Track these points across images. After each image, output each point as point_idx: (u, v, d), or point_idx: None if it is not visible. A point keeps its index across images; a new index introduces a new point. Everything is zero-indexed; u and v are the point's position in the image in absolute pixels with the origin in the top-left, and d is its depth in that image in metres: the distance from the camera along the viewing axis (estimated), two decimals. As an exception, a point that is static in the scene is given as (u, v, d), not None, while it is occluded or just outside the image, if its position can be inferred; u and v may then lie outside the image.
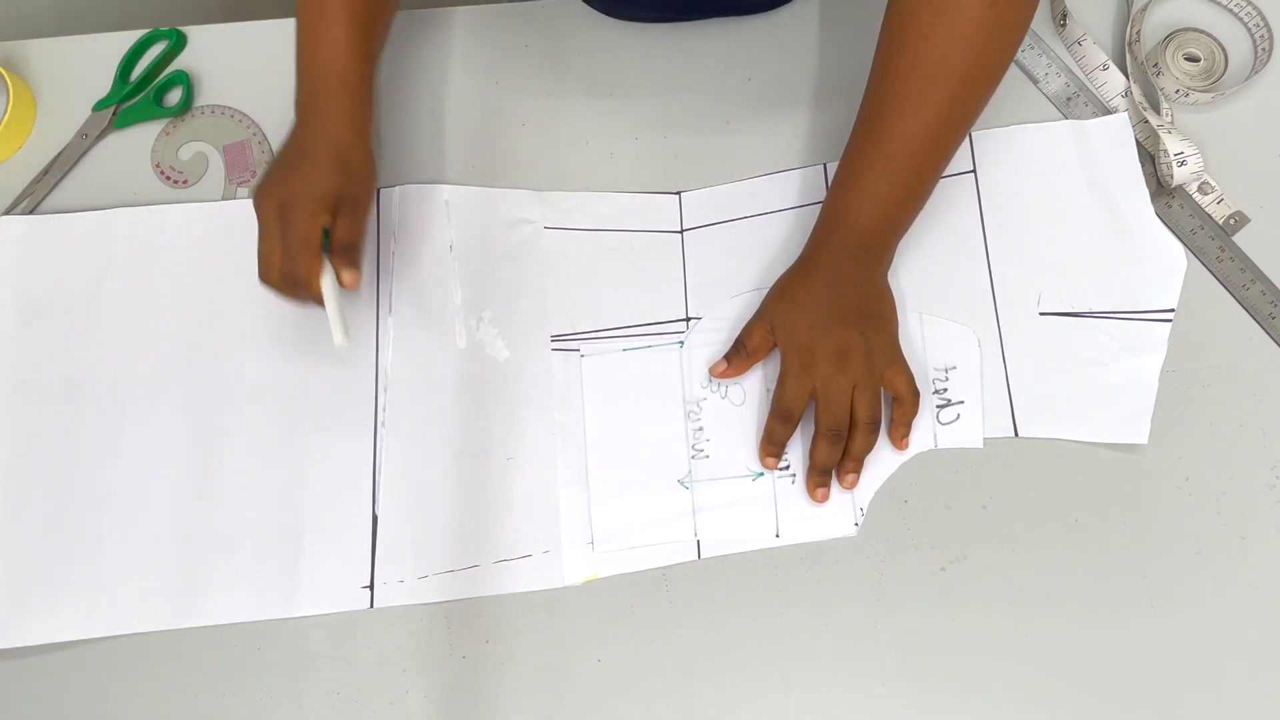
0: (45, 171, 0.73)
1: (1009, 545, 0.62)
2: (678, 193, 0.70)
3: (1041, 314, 0.66)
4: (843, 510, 0.63)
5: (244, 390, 0.67)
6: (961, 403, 0.64)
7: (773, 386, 0.64)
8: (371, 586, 0.63)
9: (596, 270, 0.69)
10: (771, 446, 0.63)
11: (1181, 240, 0.66)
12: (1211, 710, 0.59)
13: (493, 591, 0.63)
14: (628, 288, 0.68)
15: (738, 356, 0.64)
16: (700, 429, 0.65)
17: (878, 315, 0.63)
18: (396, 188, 0.71)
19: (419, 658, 0.62)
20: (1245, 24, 0.71)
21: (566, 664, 0.62)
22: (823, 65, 0.72)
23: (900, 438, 0.63)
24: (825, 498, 0.62)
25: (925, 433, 0.64)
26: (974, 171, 0.69)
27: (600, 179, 0.71)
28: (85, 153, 0.74)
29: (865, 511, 0.63)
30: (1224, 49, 0.70)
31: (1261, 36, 0.70)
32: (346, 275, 0.61)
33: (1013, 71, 0.70)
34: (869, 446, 0.62)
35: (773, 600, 0.62)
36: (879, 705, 0.60)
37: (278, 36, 0.76)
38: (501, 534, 0.64)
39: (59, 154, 0.73)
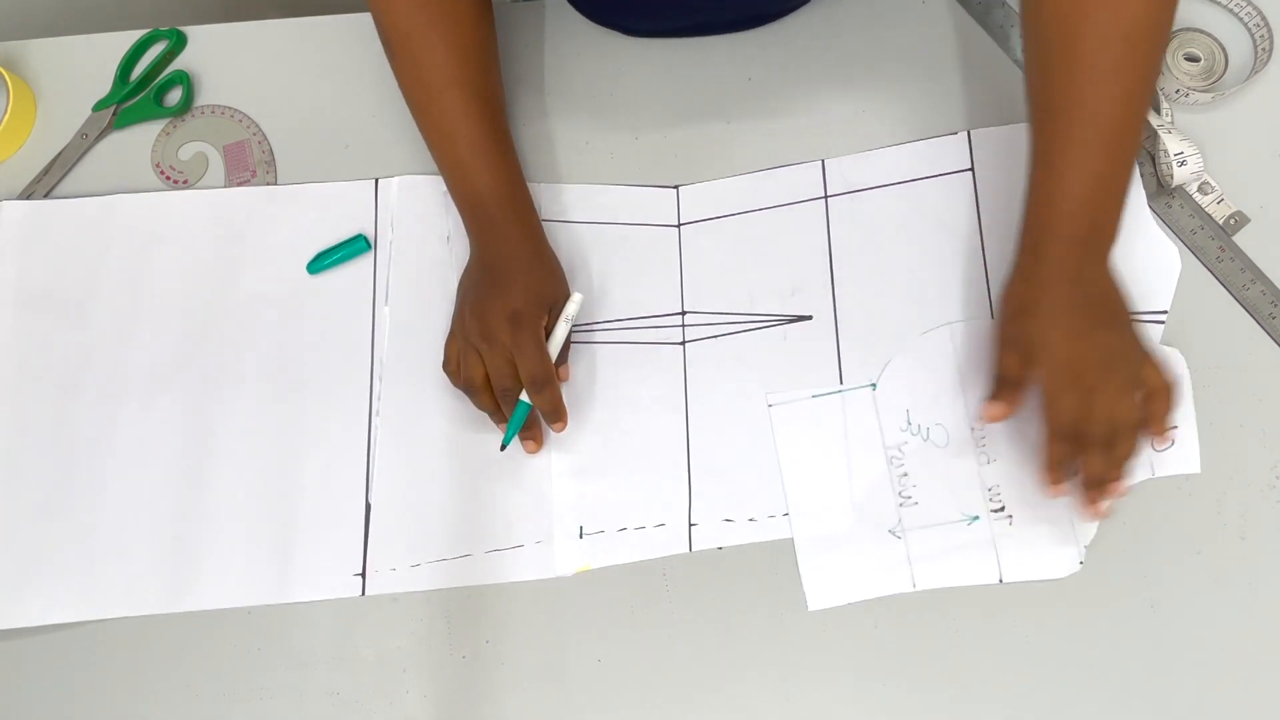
0: (45, 171, 0.73)
1: (1009, 545, 0.62)
2: (675, 187, 0.70)
3: (1041, 314, 0.65)
4: (1066, 548, 0.61)
5: (239, 377, 0.68)
6: (1175, 428, 0.62)
7: (975, 424, 0.63)
8: (364, 574, 0.63)
9: (593, 262, 0.69)
10: (1058, 473, 0.58)
11: (1182, 240, 0.66)
12: (1211, 710, 0.59)
13: (485, 581, 0.63)
14: (624, 280, 0.68)
15: (1007, 391, 0.59)
16: (905, 474, 0.63)
17: (1122, 309, 0.58)
18: (395, 178, 0.71)
19: (419, 658, 0.62)
20: (1245, 24, 0.71)
21: (566, 664, 0.61)
22: (823, 64, 0.72)
23: (1160, 434, 0.59)
24: (1107, 512, 0.59)
25: (1141, 462, 0.61)
26: (972, 170, 0.69)
27: (600, 178, 0.71)
28: (85, 153, 0.74)
29: (1087, 549, 0.61)
30: (1224, 49, 0.70)
31: (1261, 36, 0.70)
32: (564, 370, 0.65)
33: (1013, 70, 0.71)
34: (1135, 451, 0.58)
35: (773, 599, 0.62)
36: (879, 705, 0.60)
37: (278, 36, 0.76)
38: (494, 523, 0.64)
39: (59, 154, 0.73)
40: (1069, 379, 0.57)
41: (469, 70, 0.64)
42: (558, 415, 0.62)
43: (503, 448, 0.63)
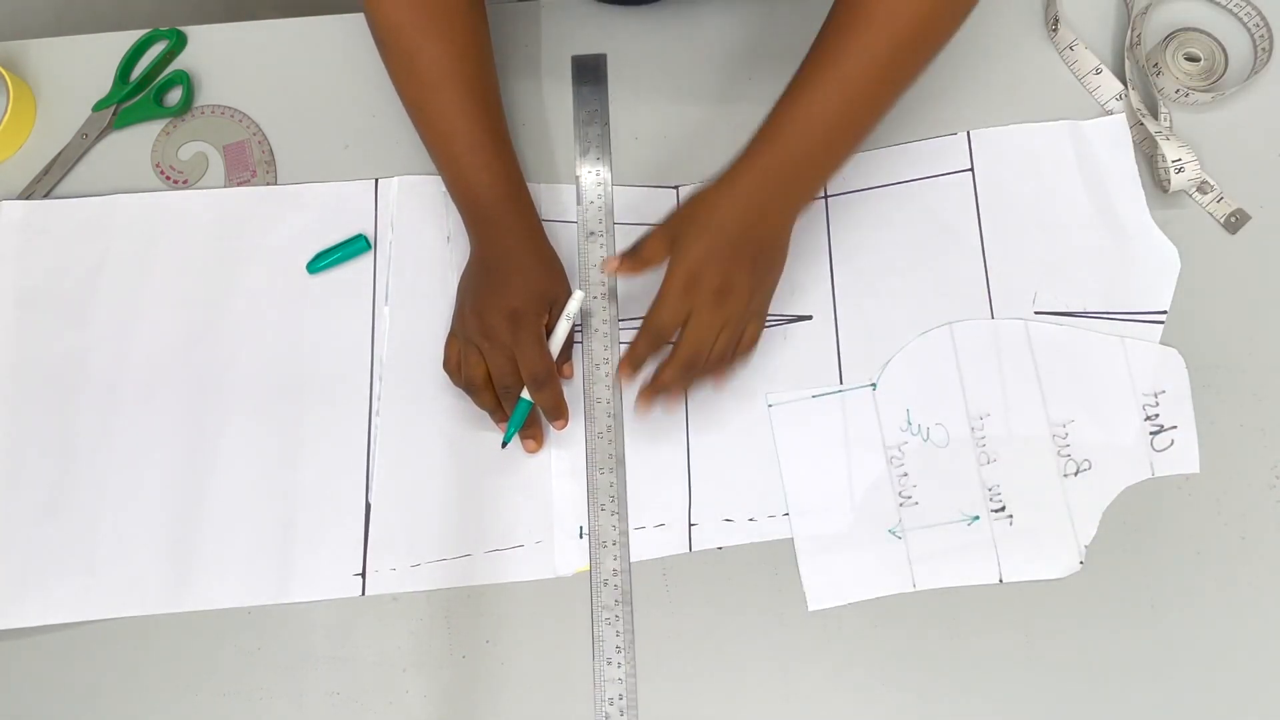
0: (45, 171, 0.73)
1: (1009, 545, 0.62)
2: (675, 187, 0.70)
3: (1037, 313, 0.66)
4: (1066, 548, 0.61)
5: (239, 377, 0.68)
6: (1175, 428, 0.63)
7: (974, 427, 0.63)
8: (364, 574, 0.63)
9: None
10: (633, 365, 0.61)
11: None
12: (1211, 710, 0.59)
13: (484, 581, 0.63)
14: (624, 280, 0.68)
15: (633, 260, 0.61)
16: (905, 474, 0.64)
17: (772, 259, 0.61)
18: (395, 178, 0.71)
19: (419, 658, 0.62)
20: (1245, 24, 0.71)
21: (566, 664, 0.61)
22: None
23: (719, 379, 0.62)
24: (645, 412, 0.62)
25: (1141, 462, 0.62)
26: (971, 170, 0.69)
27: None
28: (85, 153, 0.74)
29: (1087, 549, 0.61)
30: (1224, 49, 0.70)
31: (1261, 36, 0.70)
32: (567, 368, 0.65)
33: (1012, 71, 0.71)
34: (710, 380, 0.62)
35: (773, 599, 0.62)
36: (879, 705, 0.60)
37: (278, 36, 0.76)
38: (494, 524, 0.64)
39: (59, 154, 0.73)
40: (682, 287, 0.59)
41: (464, 66, 0.63)
42: (559, 413, 0.63)
43: (503, 445, 0.63)
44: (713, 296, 0.59)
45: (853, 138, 0.60)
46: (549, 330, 0.63)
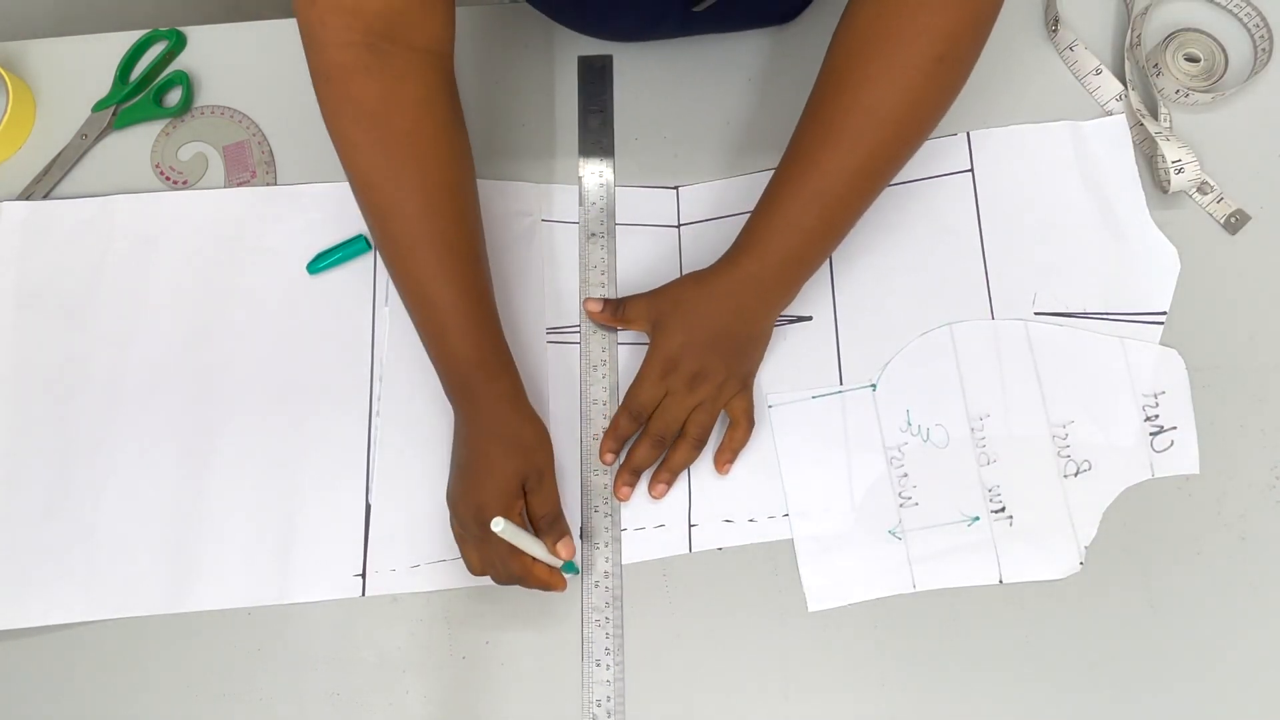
0: (45, 171, 0.73)
1: (1009, 545, 0.62)
2: (675, 187, 0.70)
3: (1036, 314, 0.66)
4: (1066, 548, 0.61)
5: (240, 378, 0.68)
6: (1175, 428, 0.63)
7: (974, 428, 0.64)
8: (364, 574, 0.63)
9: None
10: (615, 442, 0.64)
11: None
12: (1211, 710, 0.59)
13: (484, 582, 0.63)
14: (624, 281, 0.68)
15: (613, 315, 0.65)
16: (905, 475, 0.64)
17: (750, 352, 0.64)
18: None
19: (419, 658, 0.62)
20: (1245, 24, 0.71)
21: (567, 664, 0.61)
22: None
23: (724, 461, 0.64)
24: (627, 496, 0.64)
25: (1141, 462, 0.62)
26: (971, 171, 0.69)
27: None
28: (85, 153, 0.74)
29: (1087, 549, 0.61)
30: (1224, 49, 0.70)
31: (1261, 37, 0.70)
32: (563, 549, 0.60)
33: (1012, 71, 0.71)
34: (687, 462, 0.63)
35: (773, 600, 0.62)
36: (879, 705, 0.60)
37: (278, 36, 0.76)
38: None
39: (59, 154, 0.73)
40: (659, 372, 0.62)
41: (439, 223, 0.58)
42: (549, 586, 0.60)
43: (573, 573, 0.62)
44: (687, 381, 0.62)
45: (830, 242, 0.62)
46: (534, 513, 0.61)
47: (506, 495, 0.59)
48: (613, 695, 0.61)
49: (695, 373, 0.62)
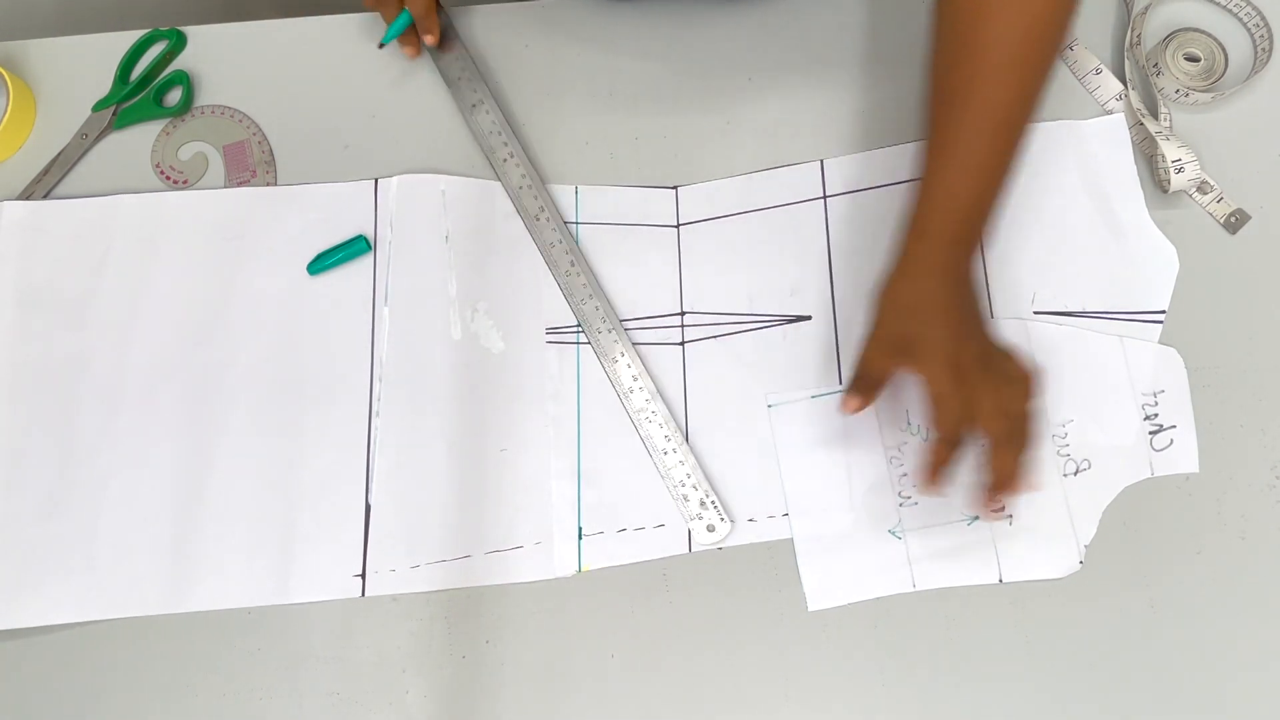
0: (45, 172, 0.73)
1: (1009, 545, 0.62)
2: (675, 187, 0.70)
3: (1036, 313, 0.66)
4: (1066, 548, 0.61)
5: (240, 377, 0.68)
6: (1174, 427, 0.63)
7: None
8: (363, 575, 0.63)
9: (591, 262, 0.69)
10: (937, 475, 0.56)
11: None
12: (1211, 710, 0.59)
13: (484, 582, 0.63)
14: (623, 281, 0.68)
15: (864, 387, 0.59)
16: (905, 475, 0.63)
17: (982, 306, 0.59)
18: (394, 178, 0.71)
19: (419, 658, 0.62)
20: (1245, 24, 0.71)
21: (566, 664, 0.62)
22: (823, 64, 0.72)
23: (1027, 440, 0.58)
24: (1005, 514, 0.61)
25: (1140, 461, 0.62)
26: (973, 171, 0.69)
27: (600, 178, 0.71)
28: (85, 153, 0.74)
29: (1087, 549, 0.61)
30: (1224, 49, 0.70)
31: (1261, 36, 0.70)
32: (429, 39, 0.70)
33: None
34: (1032, 442, 0.57)
35: (773, 599, 0.62)
36: (879, 705, 0.60)
37: (278, 36, 0.76)
38: (494, 525, 0.64)
39: (59, 154, 0.73)
40: (954, 381, 0.56)
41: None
42: (425, 27, 0.70)
43: (380, 45, 0.71)
44: (980, 368, 0.56)
45: (1015, 157, 0.57)
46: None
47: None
48: (691, 473, 0.63)
49: (978, 354, 0.56)
